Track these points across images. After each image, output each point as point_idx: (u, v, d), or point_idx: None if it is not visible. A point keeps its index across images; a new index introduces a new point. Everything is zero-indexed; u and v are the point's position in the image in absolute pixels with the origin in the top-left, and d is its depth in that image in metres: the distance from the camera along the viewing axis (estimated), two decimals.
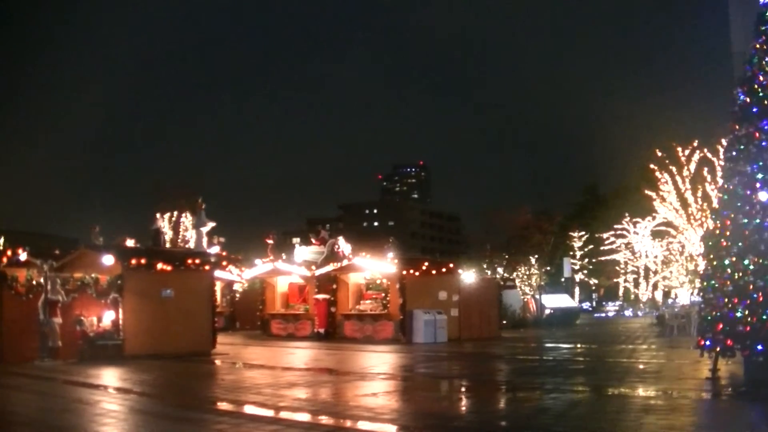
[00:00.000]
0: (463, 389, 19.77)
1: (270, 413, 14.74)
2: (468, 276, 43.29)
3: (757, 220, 17.32)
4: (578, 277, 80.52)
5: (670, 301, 59.76)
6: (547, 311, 56.30)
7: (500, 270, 67.78)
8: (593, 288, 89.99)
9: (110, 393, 18.82)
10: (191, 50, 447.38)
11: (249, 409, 15.43)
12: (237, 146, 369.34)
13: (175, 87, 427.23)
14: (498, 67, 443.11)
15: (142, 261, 28.80)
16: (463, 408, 16.77)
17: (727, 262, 17.72)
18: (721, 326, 17.60)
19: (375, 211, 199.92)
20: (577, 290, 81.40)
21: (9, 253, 27.82)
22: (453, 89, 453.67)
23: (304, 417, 14.28)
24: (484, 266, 70.55)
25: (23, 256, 28.35)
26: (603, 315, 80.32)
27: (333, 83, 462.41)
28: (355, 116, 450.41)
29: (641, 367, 23.85)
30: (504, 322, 44.42)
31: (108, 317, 27.70)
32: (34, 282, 26.91)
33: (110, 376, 22.59)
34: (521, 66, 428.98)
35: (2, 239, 30.89)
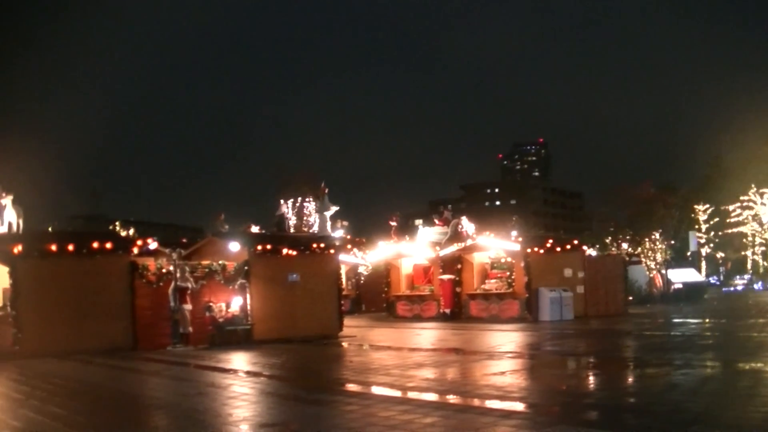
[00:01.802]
0: (591, 366, 19.55)
1: (399, 394, 14.78)
2: (593, 252, 42.75)
3: None
4: (704, 250, 78.87)
5: None
6: (674, 286, 55.28)
7: (625, 245, 66.68)
8: (720, 261, 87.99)
9: (241, 377, 19.11)
10: (311, 31, 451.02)
11: (378, 390, 15.49)
12: (358, 130, 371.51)
13: (296, 71, 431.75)
14: (615, 41, 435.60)
15: (268, 247, 29.18)
16: (592, 385, 16.57)
17: None
18: None
19: (496, 190, 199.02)
20: (703, 264, 79.73)
21: (140, 243, 28.43)
22: (569, 64, 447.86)
23: (433, 397, 14.29)
24: (608, 242, 69.61)
25: (153, 245, 28.97)
26: (731, 289, 78.44)
27: (452, 63, 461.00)
28: (475, 96, 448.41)
29: None
30: (630, 298, 43.68)
31: (236, 303, 28.12)
32: (163, 270, 27.46)
33: (240, 361, 22.93)
34: (641, 37, 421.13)
35: (133, 230, 31.63)
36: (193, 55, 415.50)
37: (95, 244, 26.71)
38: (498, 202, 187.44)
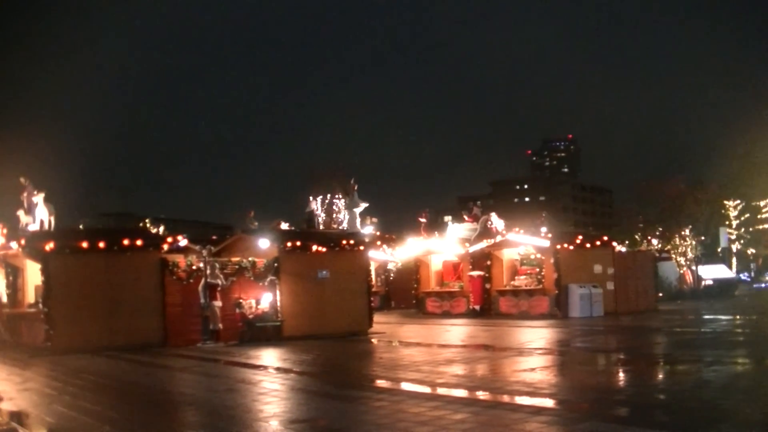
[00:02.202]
0: (621, 363, 19.51)
1: (429, 390, 14.80)
2: (622, 249, 42.57)
3: None
4: (735, 246, 78.20)
5: None
6: (705, 283, 55.03)
7: (655, 242, 66.35)
8: (751, 258, 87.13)
9: (271, 373, 19.16)
10: (341, 28, 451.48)
11: (408, 387, 15.51)
12: (387, 127, 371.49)
13: (326, 68, 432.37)
14: (645, 36, 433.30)
15: (298, 243, 29.25)
16: (622, 382, 16.52)
17: None
18: None
19: (525, 186, 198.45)
20: (734, 260, 79.03)
21: (169, 240, 28.53)
22: (598, 60, 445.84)
23: (463, 393, 14.28)
24: (638, 238, 69.30)
25: (183, 242, 29.10)
26: (762, 285, 77.70)
27: (481, 59, 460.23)
28: (504, 92, 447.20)
29: None
30: (660, 294, 43.46)
31: (266, 299, 28.20)
32: (194, 267, 27.55)
33: (270, 357, 23.02)
34: (671, 32, 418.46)
35: (162, 227, 31.74)
36: (224, 51, 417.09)
37: (126, 241, 26.85)
38: (527, 199, 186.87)
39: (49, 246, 25.76)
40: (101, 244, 26.45)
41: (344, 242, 30.41)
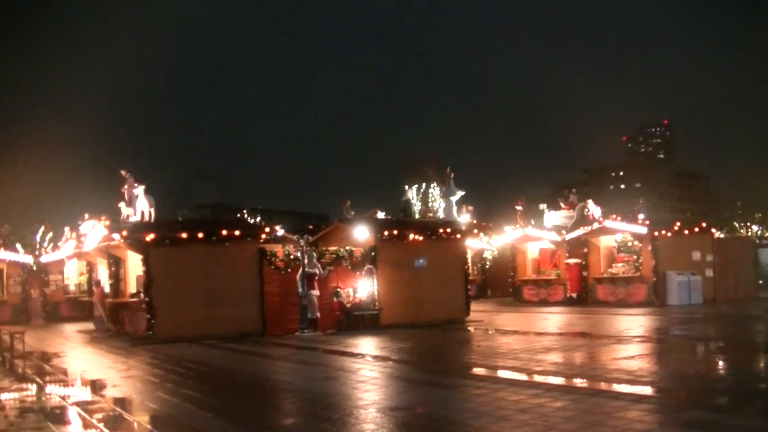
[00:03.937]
0: (720, 351, 19.20)
1: (527, 378, 14.74)
2: (721, 235, 41.80)
3: None
4: None
5: None
6: None
7: (755, 227, 65.06)
8: None
9: (369, 361, 19.26)
10: (438, 18, 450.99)
11: (506, 374, 15.46)
12: (483, 114, 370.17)
13: (423, 57, 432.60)
14: (739, 16, 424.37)
15: (395, 232, 29.33)
16: (723, 371, 16.27)
17: None
18: None
19: (621, 173, 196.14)
20: None
21: (267, 230, 28.78)
22: (694, 43, 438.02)
23: (562, 381, 14.20)
24: (737, 225, 68.03)
25: (280, 232, 29.36)
26: None
27: (576, 46, 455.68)
28: (599, 78, 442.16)
29: None
30: (760, 282, 42.62)
31: (363, 288, 28.34)
32: (291, 257, 27.75)
33: (368, 345, 23.10)
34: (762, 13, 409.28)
35: (259, 218, 32.03)
36: (320, 44, 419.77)
37: (224, 232, 27.15)
38: (623, 186, 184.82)
39: (150, 237, 26.20)
40: (200, 235, 26.82)
41: (441, 231, 30.42)
